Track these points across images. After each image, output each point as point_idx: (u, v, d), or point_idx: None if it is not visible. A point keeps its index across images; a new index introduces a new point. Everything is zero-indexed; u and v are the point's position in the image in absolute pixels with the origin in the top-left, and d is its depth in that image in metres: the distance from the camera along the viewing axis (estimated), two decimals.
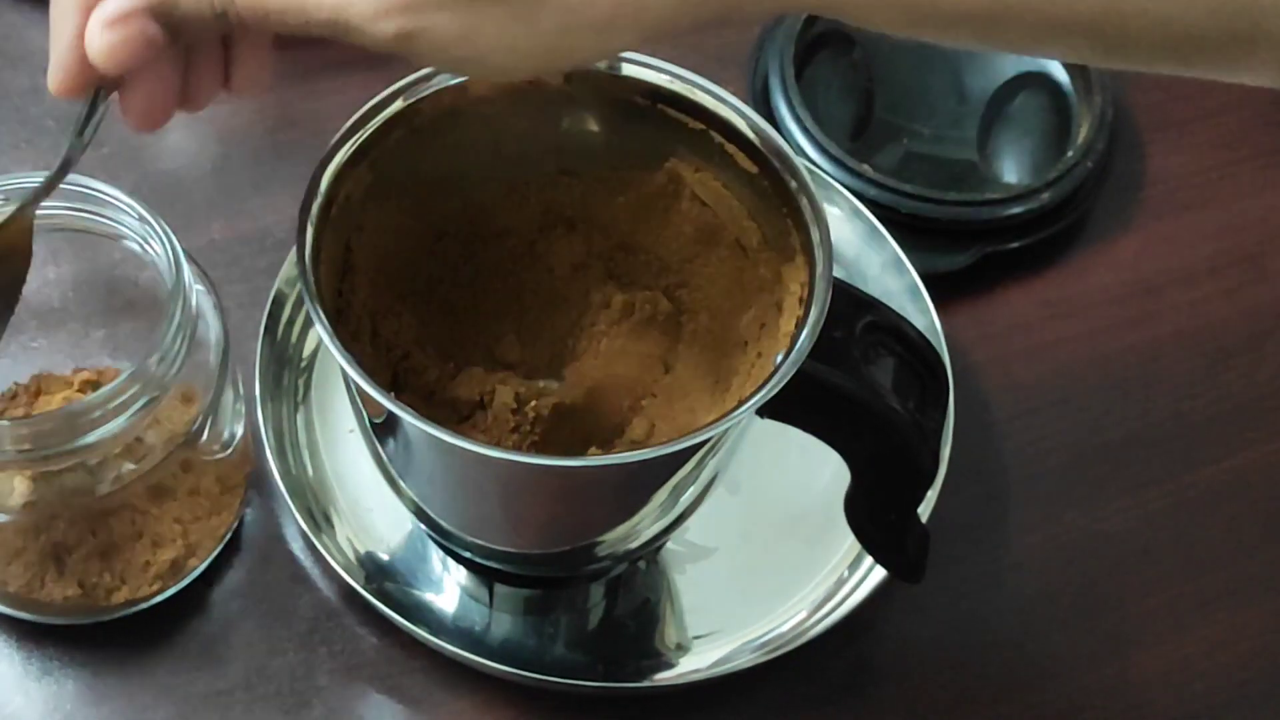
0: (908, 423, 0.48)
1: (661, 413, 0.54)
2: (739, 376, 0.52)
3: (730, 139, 0.51)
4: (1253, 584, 0.60)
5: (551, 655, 0.55)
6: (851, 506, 0.52)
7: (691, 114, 0.51)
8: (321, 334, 0.46)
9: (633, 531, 0.51)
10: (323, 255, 0.48)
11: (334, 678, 0.55)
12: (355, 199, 0.50)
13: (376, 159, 0.50)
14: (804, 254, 0.49)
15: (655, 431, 0.54)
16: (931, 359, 0.50)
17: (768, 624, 0.56)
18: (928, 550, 0.53)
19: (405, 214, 0.53)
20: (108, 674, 0.54)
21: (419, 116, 0.51)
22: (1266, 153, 0.72)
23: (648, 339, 0.55)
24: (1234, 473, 0.62)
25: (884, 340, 0.49)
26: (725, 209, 0.53)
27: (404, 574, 0.57)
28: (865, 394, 0.47)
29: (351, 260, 0.51)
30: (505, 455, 0.48)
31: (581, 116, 0.53)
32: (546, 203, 0.55)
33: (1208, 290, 0.68)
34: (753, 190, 0.51)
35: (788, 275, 0.50)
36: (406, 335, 0.54)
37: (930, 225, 0.65)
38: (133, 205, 0.51)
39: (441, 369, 0.54)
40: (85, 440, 0.48)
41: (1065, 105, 0.69)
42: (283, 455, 0.57)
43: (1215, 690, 0.57)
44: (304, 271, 0.47)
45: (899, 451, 0.49)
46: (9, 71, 0.69)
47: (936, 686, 0.56)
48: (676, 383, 0.55)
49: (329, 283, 0.49)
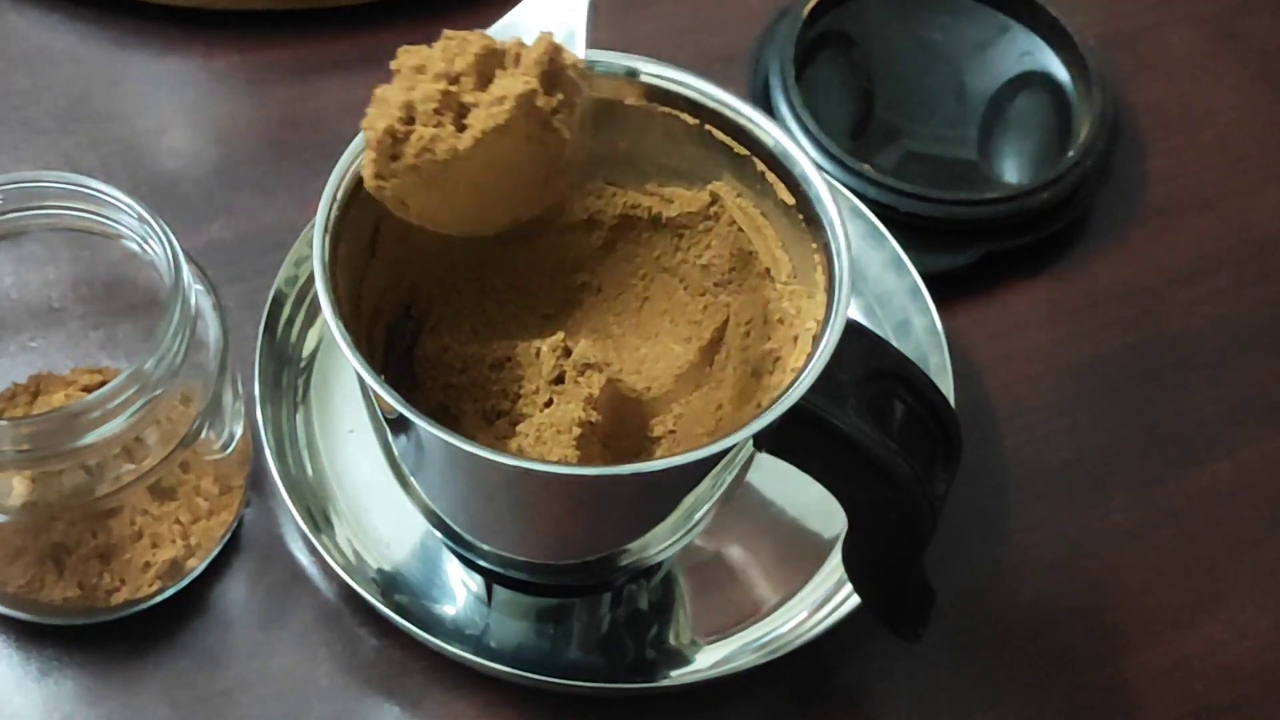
0: (908, 475, 0.47)
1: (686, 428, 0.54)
2: (746, 406, 0.52)
3: (773, 168, 0.51)
4: (1253, 584, 0.60)
5: (553, 656, 0.55)
6: (849, 555, 0.52)
7: (738, 139, 0.51)
8: (330, 321, 0.45)
9: (653, 541, 0.52)
10: (344, 237, 0.48)
11: (334, 678, 0.55)
12: None
13: None
14: (825, 291, 0.49)
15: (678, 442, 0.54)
16: (945, 417, 0.49)
17: (768, 624, 0.56)
18: (929, 611, 0.52)
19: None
20: (107, 674, 0.54)
21: None
22: (1266, 152, 0.73)
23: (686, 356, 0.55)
24: (1234, 473, 0.63)
25: (897, 391, 0.48)
26: (760, 238, 0.53)
27: (404, 574, 0.57)
28: (863, 439, 0.46)
29: (378, 243, 0.51)
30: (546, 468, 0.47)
31: (631, 130, 0.53)
32: (590, 209, 0.55)
33: (1208, 290, 0.68)
34: (789, 222, 0.51)
35: (807, 310, 0.50)
36: (433, 325, 0.54)
37: (930, 225, 0.65)
38: (132, 205, 0.51)
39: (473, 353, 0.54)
40: (85, 440, 0.48)
41: (1065, 105, 0.69)
42: (282, 455, 0.57)
43: (1215, 690, 0.57)
44: (320, 249, 0.47)
45: (896, 503, 0.48)
46: (9, 71, 0.69)
47: (936, 687, 0.56)
48: (700, 399, 0.55)
49: (349, 267, 0.49)
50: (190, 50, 0.70)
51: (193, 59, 0.70)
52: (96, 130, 0.67)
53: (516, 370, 0.53)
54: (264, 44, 0.70)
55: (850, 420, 0.46)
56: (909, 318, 0.62)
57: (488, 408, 0.53)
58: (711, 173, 0.53)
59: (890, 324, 0.62)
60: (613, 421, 0.53)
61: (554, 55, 0.48)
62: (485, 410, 0.53)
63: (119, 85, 0.69)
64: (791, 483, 0.49)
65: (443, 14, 0.72)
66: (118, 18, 0.70)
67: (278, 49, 0.70)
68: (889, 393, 0.48)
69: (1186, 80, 0.75)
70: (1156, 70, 0.75)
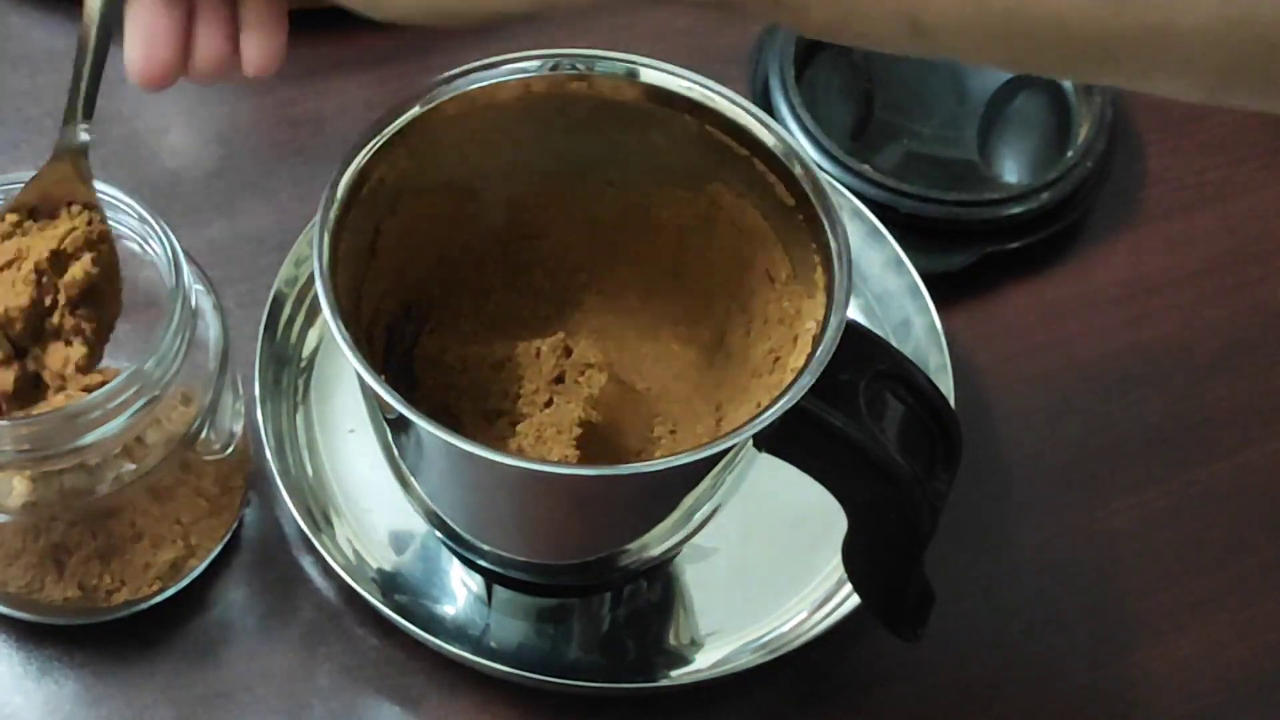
0: (908, 475, 0.46)
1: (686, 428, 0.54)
2: (746, 406, 0.52)
3: (773, 169, 0.51)
4: (1253, 584, 0.60)
5: (553, 656, 0.55)
6: (849, 555, 0.51)
7: (737, 139, 0.51)
8: (330, 321, 0.45)
9: (653, 541, 0.52)
10: (345, 236, 0.48)
11: (334, 679, 0.55)
12: (390, 182, 0.50)
13: (417, 145, 0.50)
14: (825, 292, 0.49)
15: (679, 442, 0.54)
16: (946, 418, 0.49)
17: (768, 624, 0.56)
18: (929, 611, 0.52)
19: (443, 204, 0.53)
20: (107, 674, 0.54)
21: (469, 106, 0.50)
22: (1266, 153, 0.72)
23: (686, 356, 0.55)
24: (1234, 473, 0.62)
25: (897, 391, 0.48)
26: (760, 239, 0.52)
27: (404, 574, 0.57)
28: (863, 439, 0.46)
29: (379, 244, 0.51)
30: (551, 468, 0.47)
31: (630, 129, 0.52)
32: (590, 210, 0.55)
33: (1208, 290, 0.68)
34: (788, 223, 0.51)
35: (806, 311, 0.50)
36: (433, 326, 0.54)
37: (930, 225, 0.65)
38: (132, 205, 0.51)
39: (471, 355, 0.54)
40: (85, 440, 0.48)
41: (1065, 105, 0.69)
42: (282, 455, 0.57)
43: (1215, 690, 0.57)
44: (320, 249, 0.47)
45: (896, 503, 0.47)
46: (9, 71, 0.69)
47: (937, 687, 0.56)
48: (699, 399, 0.55)
49: (349, 267, 0.49)
50: None
51: None
52: (96, 130, 0.67)
53: (517, 370, 0.53)
54: None
55: (850, 421, 0.46)
56: (909, 318, 0.62)
57: (488, 408, 0.53)
58: (712, 173, 0.53)
59: (890, 324, 0.62)
60: (613, 421, 0.53)
61: None
62: (485, 410, 0.53)
63: (119, 85, 0.69)
64: (791, 483, 0.49)
65: None
66: None
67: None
68: (889, 393, 0.48)
69: None
70: None
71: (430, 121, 0.50)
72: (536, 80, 0.51)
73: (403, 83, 0.69)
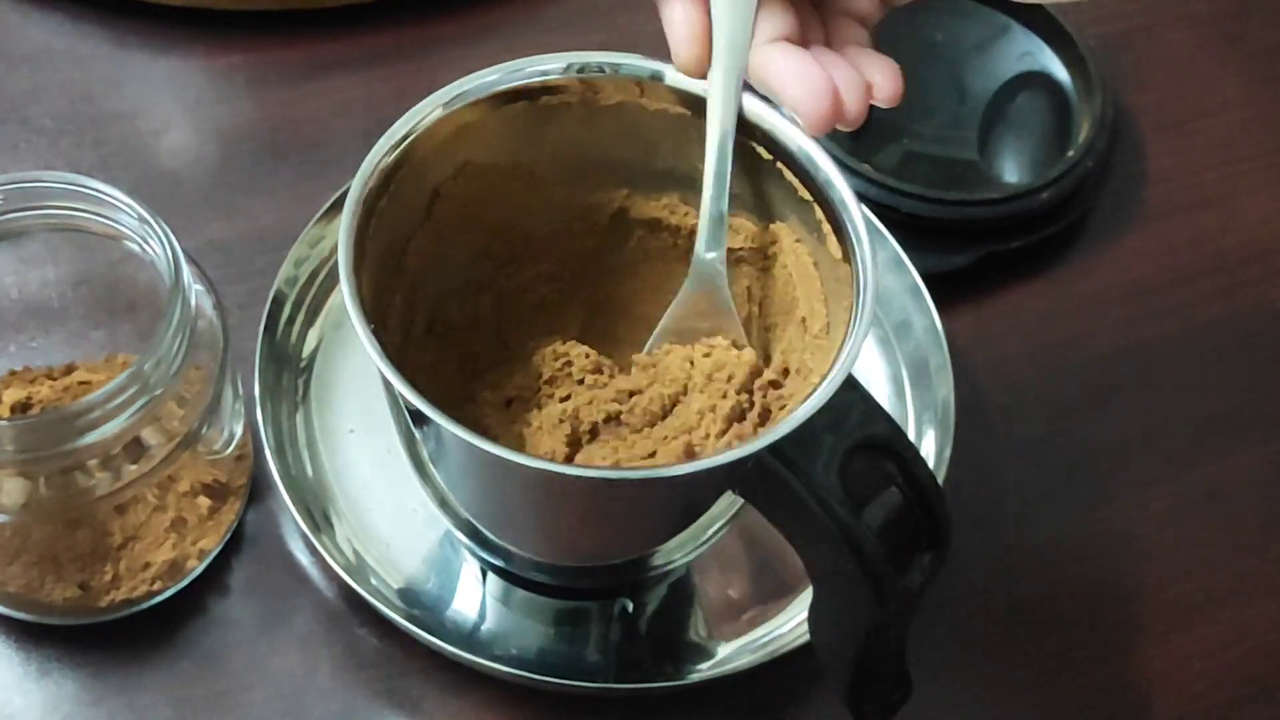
0: (873, 553, 0.43)
1: None
2: None
3: (830, 218, 0.49)
4: (1253, 584, 0.60)
5: (553, 656, 0.55)
6: (813, 619, 0.49)
7: (805, 182, 0.49)
8: (360, 331, 0.45)
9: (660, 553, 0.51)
10: (370, 234, 0.47)
11: (334, 678, 0.55)
12: (428, 177, 0.50)
13: (462, 143, 0.50)
14: (839, 348, 0.46)
15: None
16: (934, 503, 0.45)
17: (768, 624, 0.56)
18: (900, 703, 0.48)
19: (499, 183, 0.52)
20: (107, 674, 0.54)
21: (513, 107, 0.50)
22: (1266, 153, 0.73)
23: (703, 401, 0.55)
24: (1234, 473, 0.63)
25: (886, 468, 0.45)
26: (806, 286, 0.51)
27: (404, 574, 0.57)
28: (828, 500, 0.43)
29: (405, 261, 0.51)
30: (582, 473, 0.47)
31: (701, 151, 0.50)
32: (616, 220, 0.54)
33: (1208, 290, 0.68)
34: (834, 276, 0.49)
35: (818, 364, 0.49)
36: (461, 323, 0.54)
37: (930, 225, 0.65)
38: (132, 205, 0.51)
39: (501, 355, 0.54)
40: (85, 440, 0.48)
41: (1065, 105, 0.69)
42: (282, 455, 0.57)
43: (1215, 690, 0.57)
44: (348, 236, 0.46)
45: (858, 578, 0.44)
46: (9, 71, 0.69)
47: (937, 687, 0.56)
48: None
49: (377, 259, 0.48)
50: (190, 50, 0.70)
51: (193, 59, 0.70)
52: (96, 130, 0.67)
53: (529, 369, 0.53)
54: (264, 44, 0.70)
55: (819, 479, 0.43)
56: (909, 318, 0.62)
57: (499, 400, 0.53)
58: (778, 212, 0.51)
59: (890, 324, 0.62)
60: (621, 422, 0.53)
61: None
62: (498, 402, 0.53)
63: (119, 85, 0.69)
64: None
65: (442, 14, 0.72)
66: (118, 18, 0.70)
67: (278, 49, 0.70)
68: (876, 468, 0.45)
69: (1186, 80, 0.75)
70: (1156, 70, 0.75)
71: (484, 113, 0.49)
72: (605, 85, 0.50)
73: (403, 82, 0.69)
